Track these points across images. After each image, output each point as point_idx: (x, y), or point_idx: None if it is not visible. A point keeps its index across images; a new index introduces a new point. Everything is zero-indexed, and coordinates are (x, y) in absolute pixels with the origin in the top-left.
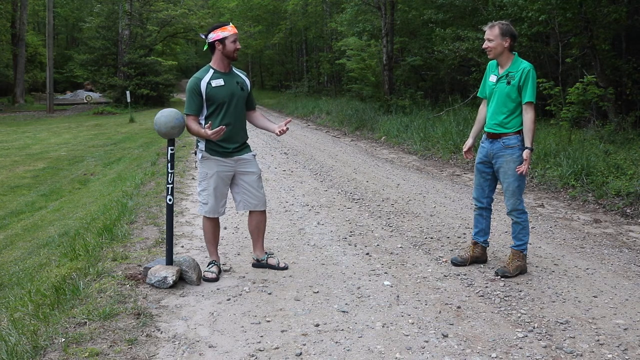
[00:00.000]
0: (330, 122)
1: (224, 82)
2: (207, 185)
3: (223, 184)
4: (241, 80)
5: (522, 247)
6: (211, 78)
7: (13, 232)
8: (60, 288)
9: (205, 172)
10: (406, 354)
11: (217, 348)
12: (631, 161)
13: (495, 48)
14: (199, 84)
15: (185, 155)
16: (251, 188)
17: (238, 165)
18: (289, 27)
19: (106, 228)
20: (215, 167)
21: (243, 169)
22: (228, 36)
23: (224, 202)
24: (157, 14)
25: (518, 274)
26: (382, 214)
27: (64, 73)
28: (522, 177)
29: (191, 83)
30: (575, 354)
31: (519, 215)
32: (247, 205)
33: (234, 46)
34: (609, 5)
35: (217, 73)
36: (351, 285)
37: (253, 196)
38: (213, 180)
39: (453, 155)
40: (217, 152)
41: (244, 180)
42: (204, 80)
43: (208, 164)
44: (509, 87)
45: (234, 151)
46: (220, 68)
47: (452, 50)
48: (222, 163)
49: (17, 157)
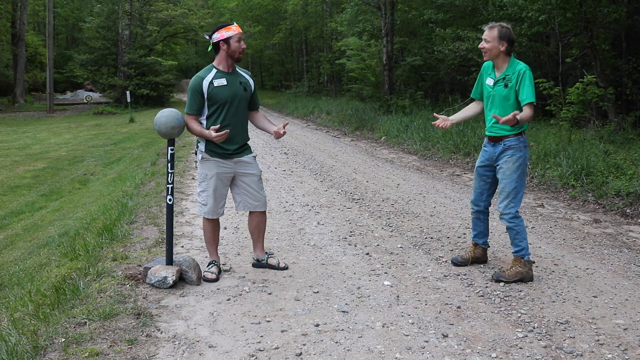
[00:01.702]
0: (330, 122)
1: (226, 82)
2: (206, 187)
3: (222, 185)
4: (245, 80)
5: (521, 252)
6: (214, 77)
7: (13, 232)
8: (60, 288)
9: (205, 174)
10: (406, 354)
11: (217, 348)
12: (631, 161)
13: (491, 50)
14: (201, 83)
15: (185, 155)
16: (251, 189)
17: (238, 166)
18: (289, 27)
19: (106, 228)
20: (215, 169)
21: (243, 171)
22: (232, 36)
23: (223, 203)
24: (157, 14)
25: (518, 280)
26: (382, 214)
27: (64, 73)
28: (521, 180)
29: (193, 82)
30: (575, 354)
31: (510, 220)
32: (247, 206)
33: (238, 46)
34: (609, 5)
35: (220, 73)
36: (351, 285)
37: (253, 197)
38: (213, 182)
39: (453, 155)
40: (217, 153)
41: (243, 181)
42: (206, 79)
43: (208, 165)
44: (507, 90)
45: (234, 153)
46: (223, 68)
47: (452, 50)
48: (222, 164)
49: (17, 157)
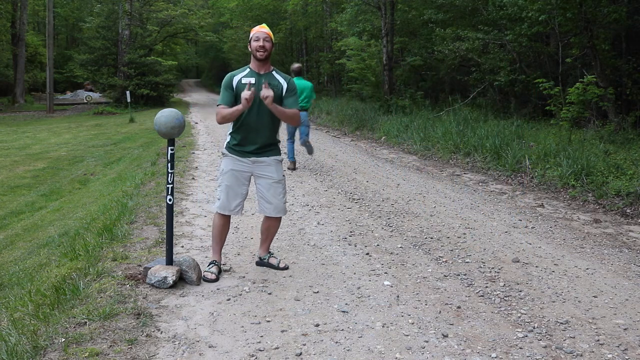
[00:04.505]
0: (330, 122)
1: (254, 82)
2: (221, 181)
3: (237, 183)
4: (276, 83)
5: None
6: (244, 76)
7: (13, 232)
8: (60, 288)
9: (222, 169)
10: (406, 354)
11: (217, 348)
12: (631, 161)
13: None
14: (232, 78)
15: (185, 155)
16: (266, 192)
17: (255, 167)
18: (289, 27)
19: (106, 228)
20: (231, 165)
21: (260, 172)
22: (252, 35)
23: (238, 202)
24: (157, 14)
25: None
26: (382, 214)
27: (64, 73)
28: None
29: (225, 78)
30: (575, 354)
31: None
32: (263, 210)
33: (255, 44)
34: (609, 5)
35: (251, 72)
36: (351, 285)
37: (268, 201)
38: (227, 178)
39: (453, 155)
40: (235, 150)
41: (259, 183)
42: (237, 76)
43: (225, 161)
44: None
45: (252, 152)
46: (254, 68)
47: (452, 50)
48: (239, 162)
49: (17, 157)
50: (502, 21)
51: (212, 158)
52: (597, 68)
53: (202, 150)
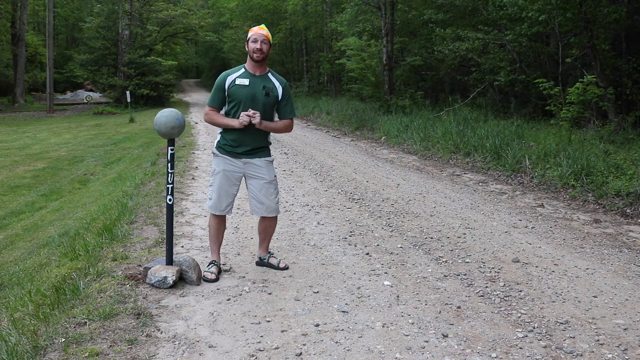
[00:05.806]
0: (330, 122)
1: (248, 83)
2: (213, 181)
3: (229, 183)
4: (271, 86)
5: None
6: (238, 76)
7: (13, 232)
8: (60, 288)
9: (214, 169)
10: (406, 354)
11: (217, 348)
12: (631, 161)
13: None
14: (224, 79)
15: (185, 155)
16: (258, 193)
17: (247, 168)
18: (289, 27)
19: (106, 228)
20: (223, 165)
21: (252, 173)
22: (250, 36)
23: (229, 202)
24: (157, 14)
25: None
26: (382, 214)
27: (64, 73)
28: None
29: (219, 77)
30: (575, 354)
31: None
32: (255, 210)
33: (252, 46)
34: (609, 5)
35: (246, 73)
36: (351, 285)
37: (259, 202)
38: (219, 178)
39: (453, 155)
40: (226, 151)
41: (251, 184)
42: (231, 77)
43: (217, 161)
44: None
45: (243, 154)
46: (249, 68)
47: (452, 50)
48: (230, 162)
49: (17, 157)
50: (502, 21)
51: (212, 158)
52: (597, 68)
53: (202, 150)
